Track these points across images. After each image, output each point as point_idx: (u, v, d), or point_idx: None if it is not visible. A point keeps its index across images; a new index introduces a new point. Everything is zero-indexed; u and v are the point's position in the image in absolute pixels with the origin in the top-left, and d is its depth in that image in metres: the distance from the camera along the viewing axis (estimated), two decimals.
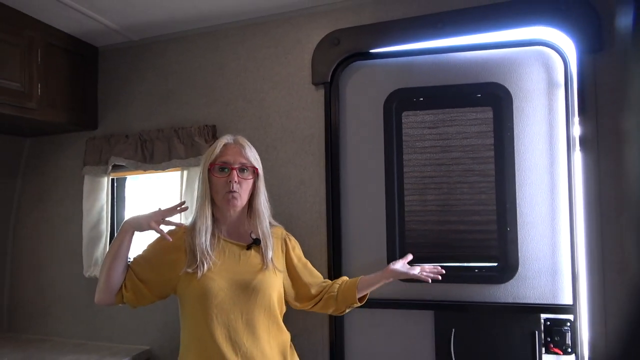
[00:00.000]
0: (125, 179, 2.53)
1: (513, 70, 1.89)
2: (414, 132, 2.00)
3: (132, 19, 2.24)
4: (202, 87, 2.31)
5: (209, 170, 1.61)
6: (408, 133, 2.00)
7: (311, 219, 2.05)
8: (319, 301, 1.73)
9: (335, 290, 1.72)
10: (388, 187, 2.00)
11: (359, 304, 1.70)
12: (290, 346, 1.72)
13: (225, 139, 1.66)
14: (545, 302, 1.82)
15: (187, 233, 1.62)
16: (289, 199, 2.10)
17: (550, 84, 1.84)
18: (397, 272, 1.73)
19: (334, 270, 2.00)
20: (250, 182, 1.65)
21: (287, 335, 1.70)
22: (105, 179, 2.39)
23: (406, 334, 1.95)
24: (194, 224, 1.62)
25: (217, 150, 1.62)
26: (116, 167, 2.38)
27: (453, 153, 1.96)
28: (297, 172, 2.11)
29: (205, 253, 1.57)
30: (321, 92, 2.07)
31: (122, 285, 1.57)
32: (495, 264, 1.88)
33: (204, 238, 1.58)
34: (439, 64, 1.97)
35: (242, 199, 1.62)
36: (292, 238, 1.80)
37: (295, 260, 1.75)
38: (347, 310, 1.73)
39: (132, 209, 2.56)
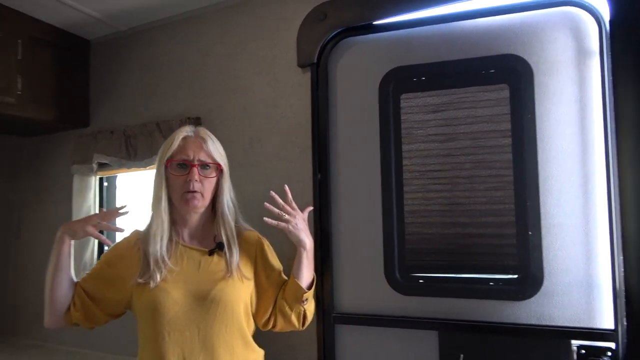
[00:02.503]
0: (115, 177, 2.39)
1: (533, 38, 1.54)
2: (415, 117, 1.69)
3: (114, 6, 2.08)
4: (187, 78, 2.12)
5: (165, 167, 1.40)
6: (408, 119, 1.70)
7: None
8: (275, 314, 1.48)
9: (282, 294, 1.49)
10: (384, 182, 1.70)
11: (307, 293, 1.44)
12: None
13: (185, 131, 1.46)
14: (578, 325, 1.45)
15: (141, 239, 1.43)
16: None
17: (581, 53, 1.48)
18: (298, 242, 1.47)
19: (322, 281, 1.72)
20: (214, 180, 1.44)
21: (256, 354, 1.48)
22: (93, 178, 2.26)
23: (405, 357, 1.64)
24: (148, 229, 1.43)
25: (175, 144, 1.42)
26: (104, 166, 2.24)
27: (461, 141, 1.63)
28: (283, 167, 1.86)
29: (160, 260, 1.38)
30: (308, 76, 1.80)
31: (70, 304, 1.40)
32: (515, 276, 1.53)
33: (159, 244, 1.39)
34: (444, 36, 1.65)
35: (203, 200, 1.42)
36: (267, 243, 1.56)
37: (266, 269, 1.51)
38: (308, 314, 1.49)
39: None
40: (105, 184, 2.40)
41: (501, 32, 1.57)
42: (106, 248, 2.11)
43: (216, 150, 1.45)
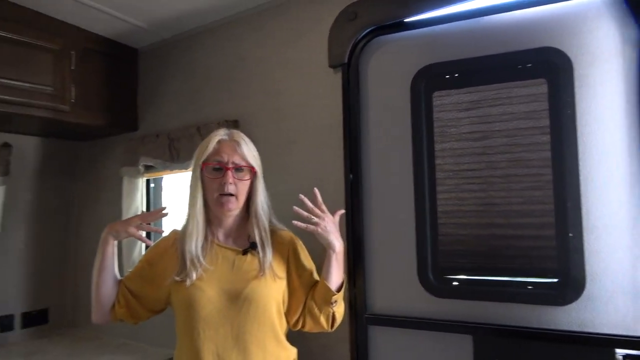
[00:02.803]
0: (161, 179, 2.50)
1: (573, 29, 1.45)
2: (448, 115, 1.65)
3: (156, 15, 2.19)
4: (226, 82, 2.18)
5: (200, 169, 1.45)
6: (440, 117, 1.66)
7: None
8: (304, 315, 1.48)
9: (312, 295, 1.48)
10: (417, 182, 1.67)
11: (336, 295, 1.42)
12: None
13: (219, 134, 1.48)
14: (623, 332, 1.35)
15: (178, 238, 1.48)
16: (309, 199, 1.87)
17: (624, 43, 1.38)
18: (328, 244, 1.44)
19: (354, 281, 1.72)
20: (247, 182, 1.46)
21: (289, 352, 1.49)
22: (140, 179, 2.38)
23: None
24: (184, 229, 1.48)
25: (210, 147, 1.45)
26: (150, 168, 2.35)
27: (497, 139, 1.57)
28: (315, 169, 1.87)
29: (195, 259, 1.42)
30: (339, 76, 1.80)
31: (115, 301, 1.47)
32: (554, 280, 1.46)
33: (195, 243, 1.43)
34: (477, 31, 1.60)
35: (237, 202, 1.45)
36: (300, 243, 1.56)
37: (298, 269, 1.52)
38: (337, 316, 1.48)
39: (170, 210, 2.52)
40: (152, 185, 2.52)
41: (537, 24, 1.50)
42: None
43: (250, 153, 1.46)
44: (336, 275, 1.45)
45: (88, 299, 1.48)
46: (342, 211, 1.54)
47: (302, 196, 1.49)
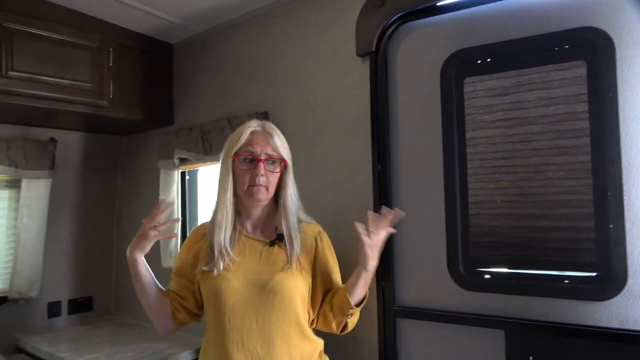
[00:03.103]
0: (196, 171, 2.55)
1: (614, 7, 1.36)
2: (480, 102, 1.58)
3: (189, 10, 2.22)
4: (256, 74, 2.19)
5: (232, 160, 1.45)
6: (472, 104, 1.60)
7: (358, 212, 1.76)
8: (317, 314, 1.47)
9: (330, 299, 1.45)
10: (447, 172, 1.62)
11: (353, 309, 1.40)
12: (322, 356, 1.51)
13: (252, 125, 1.46)
14: None
15: (208, 229, 1.50)
16: (337, 190, 1.86)
17: None
18: (365, 259, 1.37)
19: (382, 274, 1.69)
20: (278, 174, 1.45)
21: (314, 345, 1.48)
22: (175, 172, 2.43)
23: (469, 355, 1.55)
24: (213, 219, 1.49)
25: (243, 138, 1.44)
26: (185, 161, 2.40)
27: (532, 126, 1.50)
28: (344, 159, 1.85)
29: (223, 250, 1.42)
30: (367, 65, 1.77)
31: (172, 310, 1.48)
32: (593, 274, 1.38)
33: (223, 234, 1.44)
34: (511, 12, 1.52)
35: (268, 193, 1.44)
36: (325, 237, 1.54)
37: (320, 265, 1.50)
38: (349, 325, 1.45)
39: (205, 202, 2.57)
40: (187, 177, 2.57)
41: (575, 2, 1.41)
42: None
43: (282, 145, 1.45)
44: (361, 291, 1.42)
45: (130, 287, 1.48)
46: (394, 231, 1.45)
47: (369, 212, 1.44)
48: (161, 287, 1.48)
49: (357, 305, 1.41)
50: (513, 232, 1.52)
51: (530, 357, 1.43)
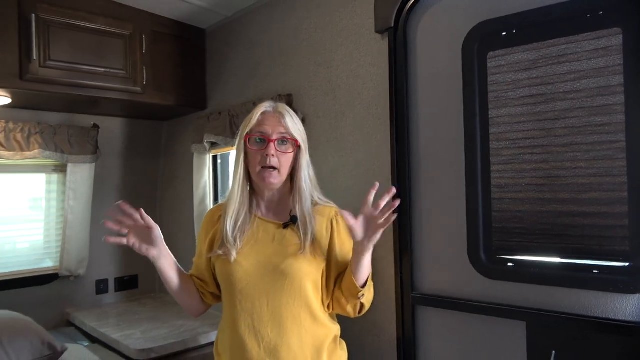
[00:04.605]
0: (228, 155, 2.59)
1: None
2: (504, 78, 1.47)
3: None
4: (281, 56, 2.17)
5: (244, 142, 1.44)
6: (496, 80, 1.49)
7: (378, 194, 1.71)
8: (333, 300, 1.43)
9: (340, 284, 1.40)
10: (468, 153, 1.53)
11: (362, 290, 1.35)
12: (336, 341, 1.47)
13: (264, 106, 1.44)
14: None
15: (222, 210, 1.51)
16: (357, 171, 1.81)
17: None
18: (358, 243, 1.30)
19: (401, 260, 1.64)
20: (291, 156, 1.42)
21: (327, 330, 1.45)
22: (207, 156, 2.48)
23: (488, 346, 1.47)
24: (228, 201, 1.49)
25: (255, 119, 1.42)
26: (216, 145, 2.44)
27: (561, 102, 1.38)
28: (364, 140, 1.79)
29: (237, 232, 1.43)
30: (386, 42, 1.69)
31: (200, 295, 1.53)
32: (625, 264, 1.26)
33: (236, 216, 1.44)
34: None
35: (280, 176, 1.41)
36: (342, 220, 1.50)
37: (337, 246, 1.47)
38: (366, 304, 1.40)
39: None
40: (219, 161, 2.62)
41: None
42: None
43: (294, 126, 1.41)
44: (366, 271, 1.37)
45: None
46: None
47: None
48: (185, 274, 1.51)
49: (363, 286, 1.37)
50: (539, 217, 1.42)
51: (553, 352, 1.33)
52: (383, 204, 1.27)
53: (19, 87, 2.03)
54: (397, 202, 1.25)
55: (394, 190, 1.26)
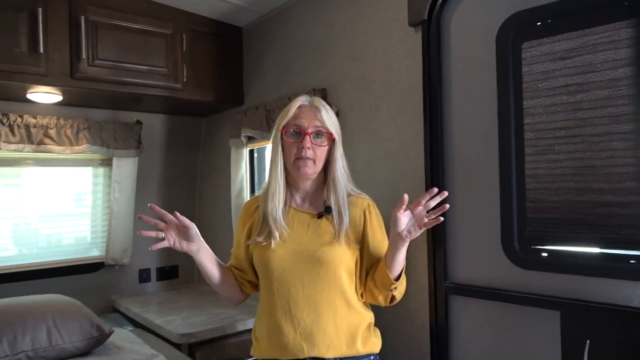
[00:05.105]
0: (264, 149, 2.66)
1: None
2: (539, 68, 1.47)
3: None
4: (316, 51, 2.22)
5: (281, 134, 1.51)
6: (530, 70, 1.49)
7: (411, 186, 1.74)
8: (365, 290, 1.48)
9: (372, 275, 1.45)
10: (502, 144, 1.53)
11: (395, 283, 1.39)
12: (370, 328, 1.51)
13: (301, 100, 1.50)
14: None
15: (260, 201, 1.57)
16: (390, 163, 1.84)
17: None
18: (398, 235, 1.33)
19: (434, 250, 1.66)
20: (325, 148, 1.47)
21: (361, 317, 1.49)
22: (244, 150, 2.56)
23: (522, 336, 1.48)
24: (266, 191, 1.56)
25: (291, 112, 1.49)
26: (252, 139, 2.52)
27: (597, 92, 1.36)
28: (398, 133, 1.82)
29: (277, 221, 1.48)
30: (420, 35, 1.71)
31: (239, 285, 1.59)
32: None
33: (275, 205, 1.50)
34: None
35: (315, 167, 1.46)
36: (375, 210, 1.54)
37: (369, 237, 1.51)
38: (397, 296, 1.44)
39: None
40: (256, 155, 2.69)
41: None
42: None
43: (330, 119, 1.46)
44: (400, 265, 1.41)
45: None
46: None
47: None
48: (225, 266, 1.57)
49: (397, 279, 1.41)
50: (574, 207, 1.41)
51: (588, 341, 1.33)
52: (433, 204, 1.32)
53: (70, 85, 2.16)
54: (447, 207, 1.30)
55: (445, 194, 1.32)
